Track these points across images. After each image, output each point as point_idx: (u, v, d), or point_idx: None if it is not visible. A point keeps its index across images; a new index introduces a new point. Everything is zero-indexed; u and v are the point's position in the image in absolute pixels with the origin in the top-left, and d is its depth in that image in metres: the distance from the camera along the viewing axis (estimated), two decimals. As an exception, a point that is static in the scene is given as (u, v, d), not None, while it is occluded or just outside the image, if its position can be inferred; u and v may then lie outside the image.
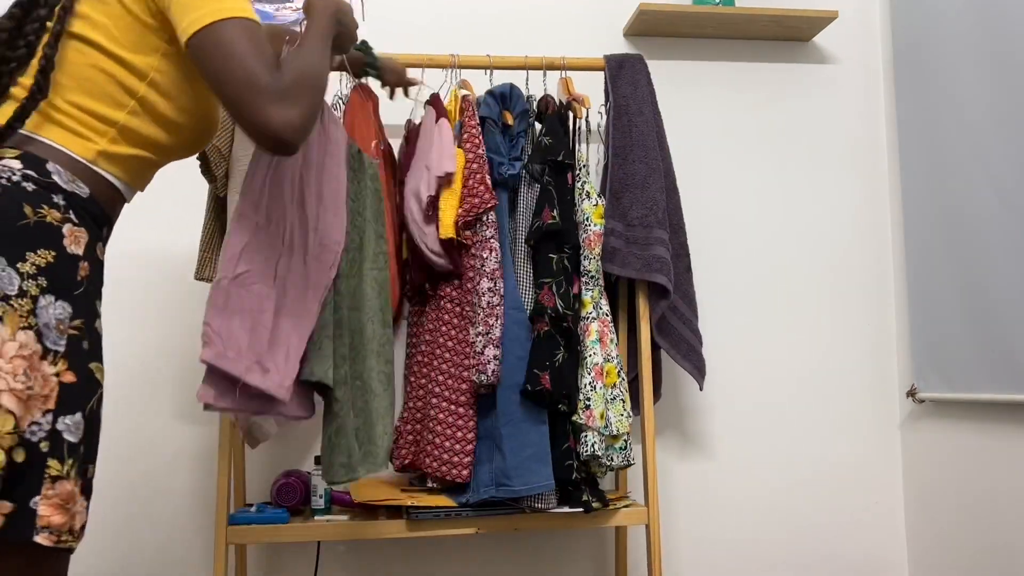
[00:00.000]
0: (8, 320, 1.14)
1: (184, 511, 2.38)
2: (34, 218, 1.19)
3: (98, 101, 1.29)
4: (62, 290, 1.21)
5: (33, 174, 1.21)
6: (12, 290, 1.15)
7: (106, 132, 1.30)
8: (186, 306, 2.42)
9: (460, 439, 2.08)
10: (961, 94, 2.36)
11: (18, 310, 1.16)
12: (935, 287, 2.45)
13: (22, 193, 1.19)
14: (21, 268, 1.17)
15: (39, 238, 1.19)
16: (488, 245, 2.10)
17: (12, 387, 1.14)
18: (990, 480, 2.31)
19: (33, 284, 1.18)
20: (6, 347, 1.14)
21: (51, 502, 1.18)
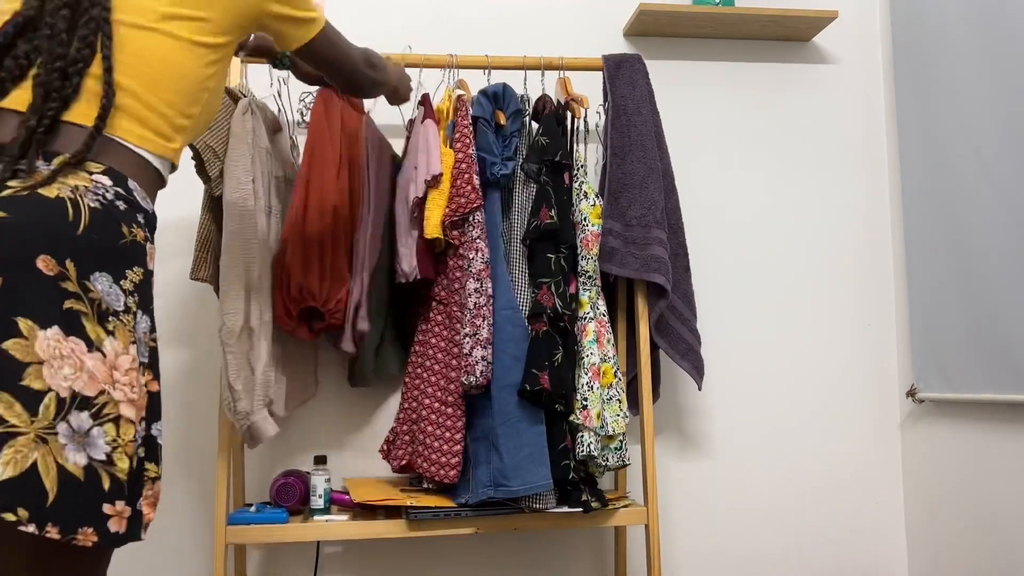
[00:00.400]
0: (120, 335, 1.22)
1: (184, 511, 2.38)
2: (129, 237, 1.26)
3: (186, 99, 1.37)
4: (146, 306, 1.30)
5: (122, 192, 1.27)
6: (120, 306, 1.23)
7: (184, 128, 1.39)
8: (184, 306, 2.42)
9: (449, 440, 2.08)
10: (961, 94, 2.36)
11: (126, 325, 1.23)
12: (935, 287, 2.45)
13: (117, 212, 1.25)
14: (123, 285, 1.24)
15: (133, 257, 1.27)
16: (474, 246, 2.11)
17: (130, 398, 1.22)
18: (990, 480, 2.31)
19: (132, 301, 1.26)
20: (121, 360, 1.21)
21: (148, 502, 1.29)
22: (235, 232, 1.99)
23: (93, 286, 1.20)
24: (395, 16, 2.58)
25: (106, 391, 1.18)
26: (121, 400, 1.20)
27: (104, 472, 1.17)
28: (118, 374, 1.20)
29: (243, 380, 1.99)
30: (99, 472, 1.17)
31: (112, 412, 1.19)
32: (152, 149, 1.33)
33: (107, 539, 1.17)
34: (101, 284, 1.21)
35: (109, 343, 1.20)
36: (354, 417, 2.45)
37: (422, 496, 2.12)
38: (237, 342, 1.98)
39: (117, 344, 1.21)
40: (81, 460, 1.15)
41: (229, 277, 1.99)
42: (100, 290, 1.20)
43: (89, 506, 1.16)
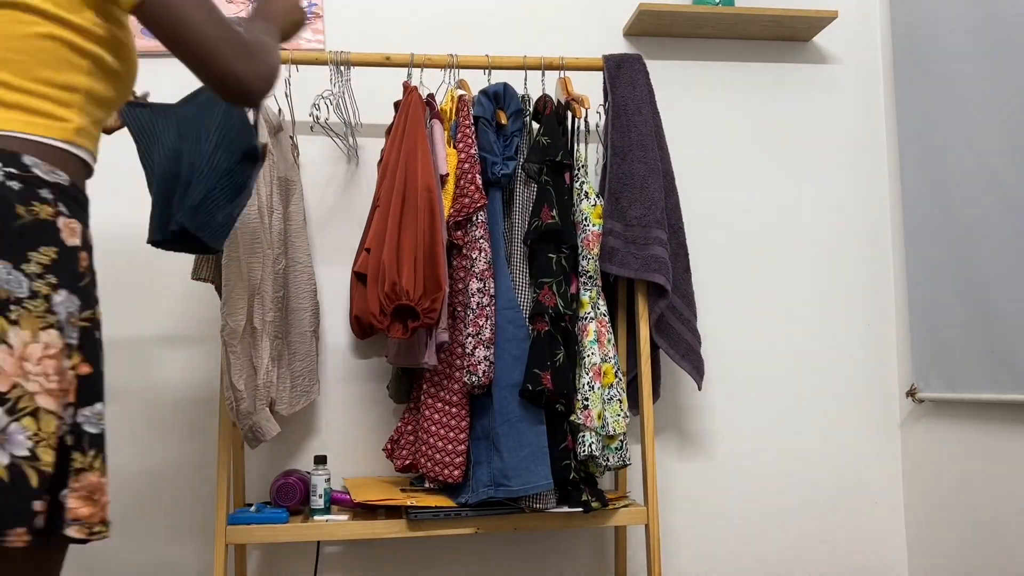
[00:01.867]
0: (25, 323, 1.14)
1: (184, 511, 2.38)
2: (28, 217, 1.17)
3: (58, 70, 1.25)
4: (70, 284, 1.21)
5: (14, 171, 1.18)
6: (23, 292, 1.15)
7: (73, 102, 1.27)
8: (184, 306, 2.42)
9: (452, 439, 2.08)
10: (961, 94, 2.36)
11: (34, 311, 1.15)
12: (935, 287, 2.45)
13: (10, 192, 1.16)
14: (27, 269, 1.16)
15: (37, 236, 1.18)
16: (477, 246, 2.11)
17: (47, 387, 1.15)
18: (990, 480, 2.31)
19: (42, 283, 1.17)
20: (29, 349, 1.14)
21: (78, 494, 1.19)
22: (238, 231, 1.99)
23: None
24: (396, 16, 2.57)
25: (19, 384, 1.12)
26: (37, 391, 1.13)
27: (30, 468, 1.11)
28: (29, 364, 1.13)
29: (245, 380, 1.99)
30: (24, 469, 1.11)
31: (28, 405, 1.13)
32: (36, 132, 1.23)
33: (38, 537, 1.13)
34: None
35: (14, 333, 1.12)
36: (354, 417, 2.45)
37: (422, 496, 2.12)
38: (240, 342, 1.99)
39: (24, 333, 1.13)
40: (3, 459, 1.10)
41: (231, 277, 1.99)
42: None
43: (18, 505, 1.11)
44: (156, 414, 2.39)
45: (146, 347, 2.41)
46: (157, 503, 2.38)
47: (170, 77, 2.45)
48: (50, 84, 1.24)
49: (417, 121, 2.08)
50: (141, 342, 2.41)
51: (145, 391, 2.40)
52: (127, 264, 2.41)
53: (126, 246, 2.41)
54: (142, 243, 2.43)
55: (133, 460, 2.38)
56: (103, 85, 1.31)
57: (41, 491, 1.12)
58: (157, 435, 2.39)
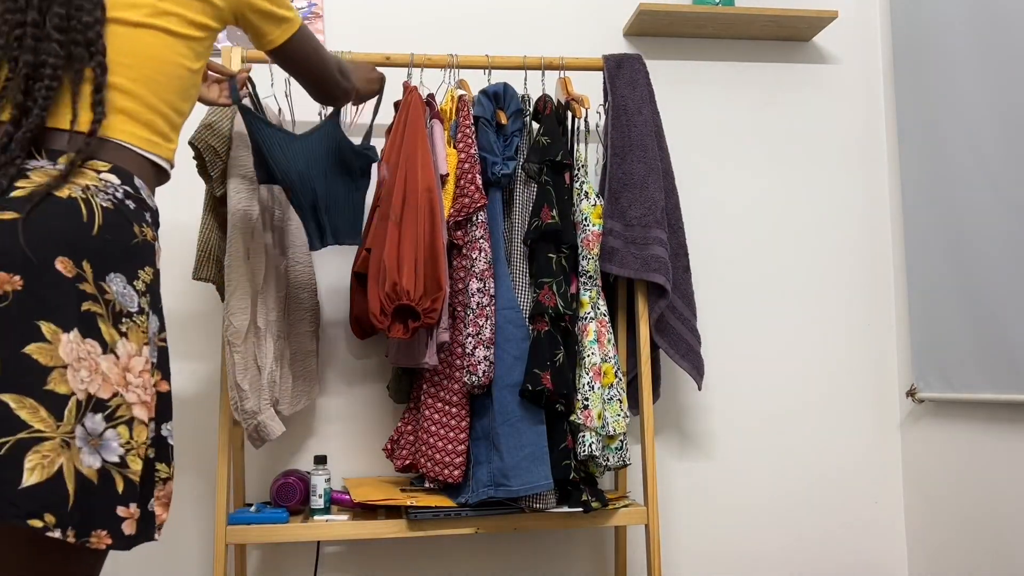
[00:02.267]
0: (133, 336, 1.22)
1: (184, 511, 2.38)
2: (140, 237, 1.26)
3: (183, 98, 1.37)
4: (156, 305, 1.30)
5: (130, 190, 1.26)
6: (134, 307, 1.23)
7: (180, 125, 1.39)
8: (184, 306, 2.42)
9: (452, 439, 2.08)
10: (961, 94, 2.36)
11: (140, 326, 1.23)
12: (935, 287, 2.45)
13: (128, 211, 1.24)
14: (136, 286, 1.24)
15: (144, 257, 1.26)
16: (477, 246, 2.11)
17: (143, 399, 1.22)
18: (990, 480, 2.31)
19: (145, 301, 1.25)
20: (133, 362, 1.21)
21: (161, 502, 1.29)
22: (239, 232, 1.99)
23: (108, 287, 1.20)
24: (396, 16, 2.57)
25: (119, 393, 1.19)
26: (134, 402, 1.20)
27: (118, 474, 1.18)
28: (131, 376, 1.21)
29: (250, 380, 1.99)
30: (112, 475, 1.17)
31: (125, 414, 1.19)
32: (153, 151, 1.33)
33: (121, 542, 1.17)
34: (116, 285, 1.21)
35: (122, 345, 1.20)
36: (354, 417, 2.45)
37: (422, 496, 2.12)
38: (244, 342, 1.99)
39: (130, 346, 1.21)
40: (95, 463, 1.15)
41: (235, 277, 1.99)
42: (115, 291, 1.20)
43: (103, 509, 1.16)
44: (156, 414, 2.39)
45: (146, 347, 2.41)
46: (157, 503, 2.38)
47: None
48: (173, 108, 1.35)
49: (417, 121, 2.08)
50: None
51: (145, 391, 2.40)
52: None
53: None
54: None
55: (133, 460, 2.37)
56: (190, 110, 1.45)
57: (127, 498, 1.18)
58: (157, 435, 2.39)
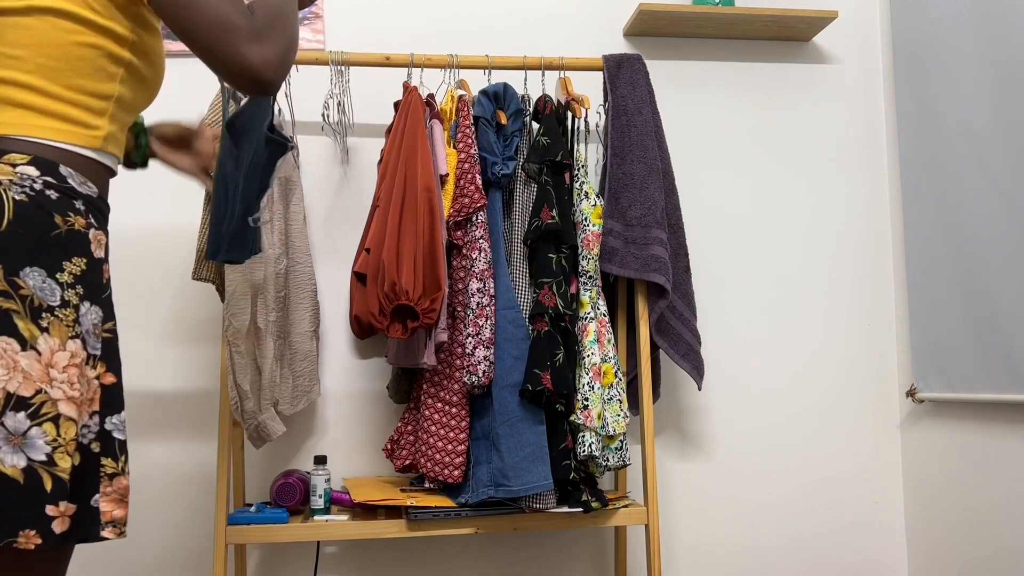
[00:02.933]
0: (55, 331, 1.17)
1: (184, 511, 2.38)
2: (64, 227, 1.20)
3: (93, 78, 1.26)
4: (95, 296, 1.24)
5: (52, 180, 1.21)
6: (55, 301, 1.18)
7: (105, 109, 1.28)
8: (185, 306, 2.42)
9: (452, 439, 2.08)
10: (961, 94, 2.36)
11: (64, 320, 1.18)
12: (935, 287, 2.45)
13: (48, 202, 1.19)
14: (60, 278, 1.19)
15: (71, 247, 1.21)
16: (477, 246, 2.11)
17: (70, 395, 1.18)
18: (990, 480, 2.31)
19: (73, 293, 1.20)
20: (57, 357, 1.17)
21: (110, 498, 1.24)
22: (236, 232, 1.99)
23: (24, 282, 1.15)
24: (396, 16, 2.57)
25: (43, 390, 1.15)
26: (60, 398, 1.17)
27: (46, 473, 1.14)
28: (55, 372, 1.16)
29: (250, 380, 1.99)
30: (40, 473, 1.14)
31: (51, 411, 1.15)
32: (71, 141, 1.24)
33: (51, 540, 1.14)
34: (33, 279, 1.16)
35: (44, 340, 1.16)
36: (354, 417, 2.45)
37: (422, 496, 2.12)
38: (244, 342, 1.99)
39: (53, 341, 1.17)
40: (19, 462, 1.12)
41: (234, 278, 1.99)
42: (32, 286, 1.16)
43: (30, 508, 1.13)
44: (156, 414, 2.40)
45: (146, 347, 2.41)
46: (157, 503, 2.38)
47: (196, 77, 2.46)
48: (85, 92, 1.25)
49: (417, 121, 2.09)
50: (141, 342, 2.41)
51: (145, 391, 2.40)
52: (128, 264, 2.41)
53: (126, 246, 2.41)
54: (142, 243, 2.43)
55: (133, 460, 2.38)
56: (134, 92, 1.33)
57: (57, 496, 1.15)
58: (157, 435, 2.39)
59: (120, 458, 1.27)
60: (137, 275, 2.42)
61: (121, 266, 2.41)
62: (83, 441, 1.21)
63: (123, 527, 1.26)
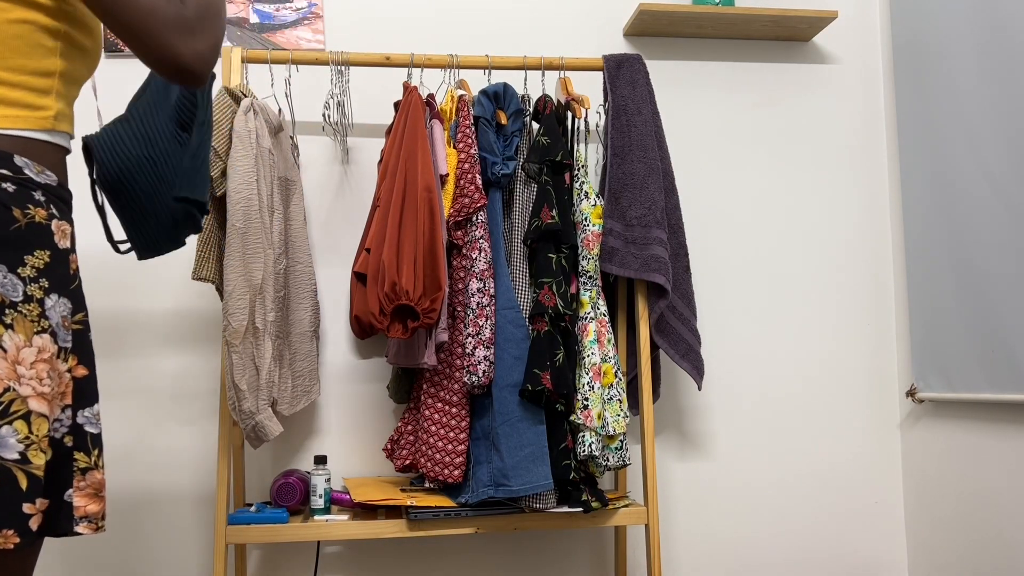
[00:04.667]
0: (19, 327, 1.15)
1: (184, 511, 2.38)
2: (24, 220, 1.16)
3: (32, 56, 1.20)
4: (62, 287, 1.21)
5: (7, 172, 1.16)
6: (17, 296, 1.15)
7: (50, 87, 1.23)
8: (185, 306, 2.42)
9: (452, 439, 2.08)
10: (961, 94, 2.36)
11: (28, 315, 1.15)
12: (935, 287, 2.45)
13: (5, 195, 1.15)
14: (22, 273, 1.15)
15: (32, 240, 1.17)
16: (477, 246, 2.11)
17: (40, 391, 1.15)
18: (990, 480, 2.31)
19: (36, 287, 1.17)
20: (23, 353, 1.14)
21: (84, 492, 1.22)
22: (239, 231, 1.99)
23: None
24: (396, 16, 2.57)
25: (11, 388, 1.12)
26: (29, 395, 1.14)
27: (19, 471, 1.12)
28: (22, 368, 1.14)
29: (248, 380, 1.99)
30: (14, 472, 1.12)
31: (20, 408, 1.13)
32: (20, 126, 1.20)
33: (28, 537, 1.13)
34: None
35: (8, 338, 1.13)
36: (354, 417, 2.45)
37: (422, 496, 2.12)
38: (242, 342, 1.99)
39: (17, 337, 1.14)
40: None
41: (233, 277, 1.99)
42: None
43: (7, 508, 1.11)
44: (156, 414, 2.40)
45: (146, 347, 2.41)
46: (157, 503, 2.38)
47: None
48: (25, 71, 1.20)
49: (417, 121, 2.09)
50: (141, 342, 2.41)
51: (145, 391, 2.40)
52: (127, 264, 2.41)
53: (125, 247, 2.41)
54: (142, 243, 2.43)
55: (133, 460, 2.38)
56: (75, 63, 1.28)
57: (32, 494, 1.13)
58: (157, 435, 2.39)
59: (93, 452, 1.24)
60: (137, 275, 2.42)
61: (121, 266, 2.41)
62: (55, 435, 1.19)
63: (100, 522, 1.24)
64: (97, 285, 2.40)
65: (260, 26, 2.50)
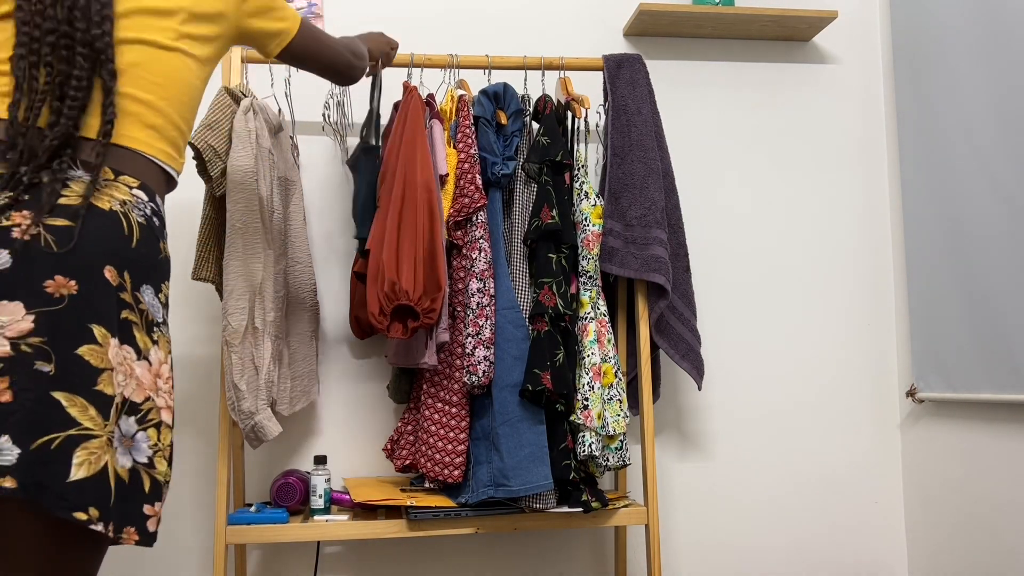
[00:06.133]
0: (162, 344, 1.30)
1: (184, 511, 2.38)
2: (164, 253, 1.33)
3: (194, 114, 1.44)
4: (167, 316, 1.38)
5: (155, 207, 1.33)
6: (160, 318, 1.31)
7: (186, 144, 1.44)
8: (184, 306, 2.42)
9: (452, 439, 2.08)
10: (961, 94, 2.36)
11: (166, 336, 1.32)
12: (935, 287, 2.45)
13: (155, 227, 1.31)
14: (161, 298, 1.32)
15: (166, 271, 1.34)
16: (477, 246, 2.11)
17: (168, 404, 1.30)
18: (990, 480, 2.31)
19: (166, 313, 1.34)
20: (163, 368, 1.29)
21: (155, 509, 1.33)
22: (239, 231, 1.99)
23: (142, 297, 1.27)
24: (396, 16, 2.57)
25: (151, 397, 1.26)
26: (162, 407, 1.27)
27: (146, 474, 1.24)
28: (160, 381, 1.28)
29: (247, 380, 1.99)
30: (141, 475, 1.24)
31: (155, 418, 1.26)
32: (172, 164, 1.38)
33: (145, 538, 1.24)
34: (147, 296, 1.28)
35: (154, 352, 1.27)
36: (354, 417, 2.45)
37: (422, 496, 2.12)
38: (241, 342, 1.98)
39: (160, 353, 1.29)
40: (127, 463, 1.22)
41: (233, 277, 1.99)
42: (147, 302, 1.28)
43: (133, 507, 1.22)
44: (156, 414, 2.39)
45: (146, 347, 2.40)
46: (157, 503, 2.38)
47: None
48: (189, 126, 1.43)
49: (417, 121, 2.09)
50: (141, 342, 2.40)
51: (145, 391, 2.40)
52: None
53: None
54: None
55: (133, 460, 2.38)
56: None
57: (152, 497, 1.26)
58: (157, 435, 2.39)
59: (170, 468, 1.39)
60: (137, 275, 2.42)
61: (121, 266, 2.41)
62: None
63: None
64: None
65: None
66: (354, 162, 2.29)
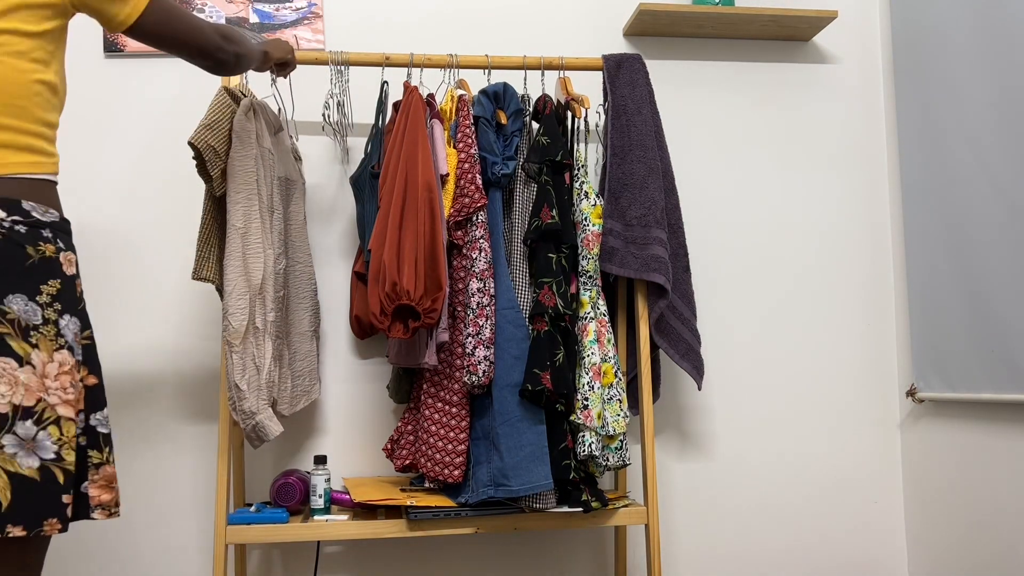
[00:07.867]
0: (43, 346, 1.36)
1: (184, 511, 2.38)
2: (36, 256, 1.37)
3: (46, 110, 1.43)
4: (72, 308, 1.42)
5: (19, 217, 1.37)
6: (38, 320, 1.36)
7: (54, 136, 1.46)
8: (185, 306, 2.42)
9: (452, 439, 2.08)
10: (961, 93, 2.36)
11: (47, 335, 1.37)
12: (935, 287, 2.45)
13: (19, 236, 1.36)
14: (39, 300, 1.37)
15: (44, 271, 1.38)
16: (477, 246, 2.11)
17: (65, 399, 1.37)
18: (990, 480, 2.31)
19: (51, 311, 1.38)
20: (48, 368, 1.36)
21: (98, 484, 1.45)
22: (239, 231, 1.99)
23: (9, 307, 1.34)
24: (396, 16, 2.57)
25: (43, 399, 1.34)
26: (56, 403, 1.36)
27: (57, 469, 1.35)
28: (48, 381, 1.35)
29: (248, 380, 1.99)
30: (52, 470, 1.35)
31: (51, 415, 1.35)
32: (38, 171, 1.40)
33: (66, 524, 1.35)
34: (17, 304, 1.34)
35: (36, 355, 1.35)
36: (354, 417, 2.45)
37: (422, 496, 2.12)
38: (242, 342, 1.99)
39: (42, 355, 1.35)
40: (35, 463, 1.33)
41: (233, 277, 1.99)
42: (17, 310, 1.34)
43: (51, 500, 1.34)
44: (156, 414, 2.40)
45: (147, 348, 2.41)
46: (157, 503, 2.38)
47: (160, 79, 2.47)
48: (44, 124, 1.43)
49: (417, 121, 2.09)
50: (142, 343, 2.41)
51: (145, 391, 2.40)
52: (128, 265, 2.41)
53: (127, 248, 2.41)
54: (143, 244, 2.43)
55: (134, 460, 2.38)
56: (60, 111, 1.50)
57: (67, 487, 1.36)
58: (157, 435, 2.39)
59: (104, 449, 1.47)
60: (137, 276, 2.42)
61: (121, 267, 2.41)
62: None
63: (113, 508, 1.47)
64: (98, 285, 2.40)
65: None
66: (361, 184, 2.28)
